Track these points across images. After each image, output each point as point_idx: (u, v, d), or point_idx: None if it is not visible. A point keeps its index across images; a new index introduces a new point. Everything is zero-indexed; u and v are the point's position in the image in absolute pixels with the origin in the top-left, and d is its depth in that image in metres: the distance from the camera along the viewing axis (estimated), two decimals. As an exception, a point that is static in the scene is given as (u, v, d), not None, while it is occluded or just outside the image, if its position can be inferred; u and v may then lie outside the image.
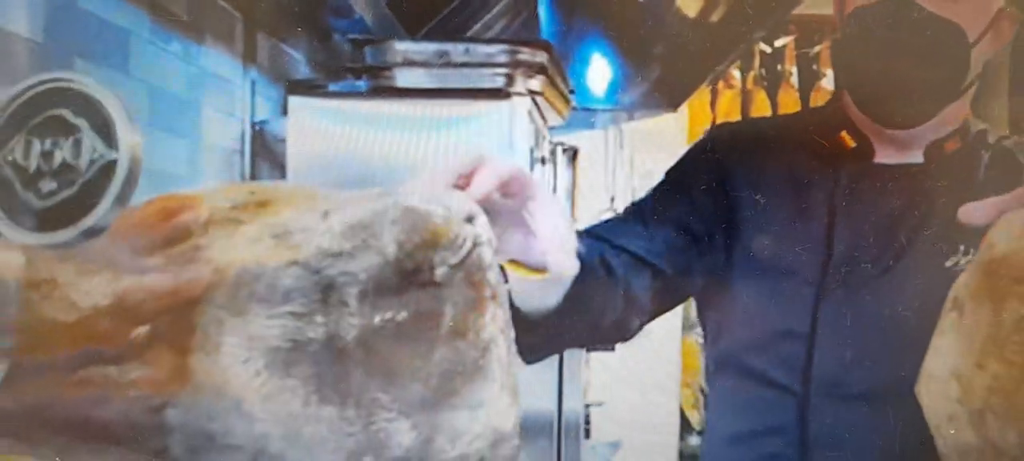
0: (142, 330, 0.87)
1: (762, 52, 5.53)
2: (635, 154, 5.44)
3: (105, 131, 0.67)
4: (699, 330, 2.27)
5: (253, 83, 3.36)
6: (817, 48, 5.71)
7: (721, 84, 5.58)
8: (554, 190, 3.15)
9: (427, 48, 2.59)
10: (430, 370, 1.06)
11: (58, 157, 0.68)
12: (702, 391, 5.02)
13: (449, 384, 1.07)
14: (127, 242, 0.78)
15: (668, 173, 2.02)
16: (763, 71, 5.74)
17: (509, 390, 1.17)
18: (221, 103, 3.15)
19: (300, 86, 3.29)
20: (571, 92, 3.24)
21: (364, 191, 1.07)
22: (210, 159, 3.09)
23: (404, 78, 2.59)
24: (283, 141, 3.00)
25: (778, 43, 5.60)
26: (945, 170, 1.82)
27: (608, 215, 5.28)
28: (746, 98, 5.68)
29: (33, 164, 0.68)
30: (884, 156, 1.86)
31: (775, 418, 1.85)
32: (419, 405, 1.05)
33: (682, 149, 5.39)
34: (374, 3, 3.02)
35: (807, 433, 1.82)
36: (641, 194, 2.02)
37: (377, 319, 1.02)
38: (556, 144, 3.35)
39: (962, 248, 1.73)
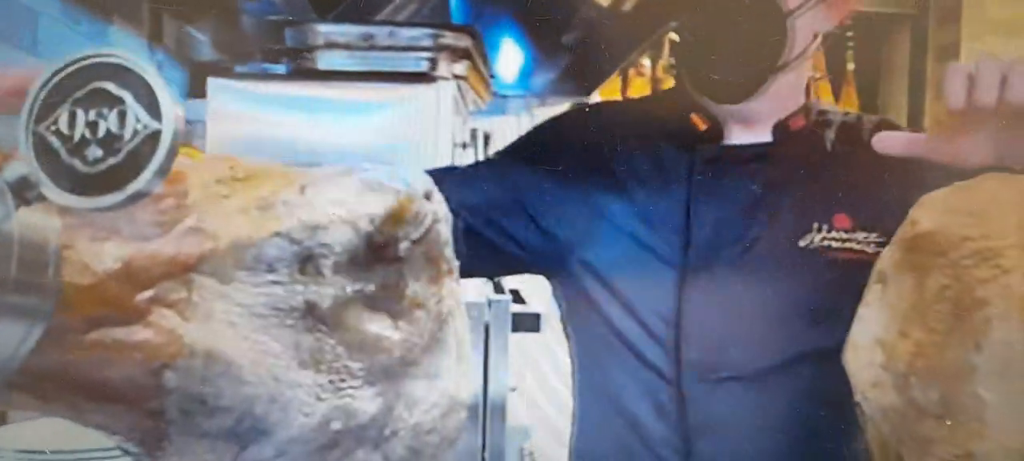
0: (145, 295, 0.93)
1: (672, 41, 5.60)
2: (547, 139, 5.48)
3: (149, 103, 0.73)
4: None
5: (159, 65, 3.38)
6: (725, 37, 5.79)
7: (632, 71, 5.63)
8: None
9: (351, 30, 2.61)
10: (393, 340, 1.13)
11: (103, 127, 0.73)
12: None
13: (409, 354, 1.15)
14: (128, 211, 0.84)
15: (530, 140, 2.11)
16: (672, 59, 5.81)
17: (465, 361, 1.24)
18: (128, 85, 3.17)
19: (216, 68, 3.30)
20: (492, 77, 3.27)
21: (333, 167, 1.13)
22: (118, 142, 3.11)
23: (326, 61, 2.60)
24: (190, 123, 3.00)
25: (687, 31, 5.66)
26: (794, 148, 1.89)
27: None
28: (656, 86, 5.75)
29: (78, 133, 0.73)
30: (735, 137, 1.91)
31: (651, 395, 1.88)
32: (382, 373, 1.13)
33: None
34: (285, -16, 3.04)
35: (686, 418, 1.85)
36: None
37: (348, 290, 1.09)
38: (474, 129, 3.40)
39: (816, 226, 1.81)
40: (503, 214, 1.96)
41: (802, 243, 1.80)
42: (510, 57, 4.65)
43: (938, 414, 1.22)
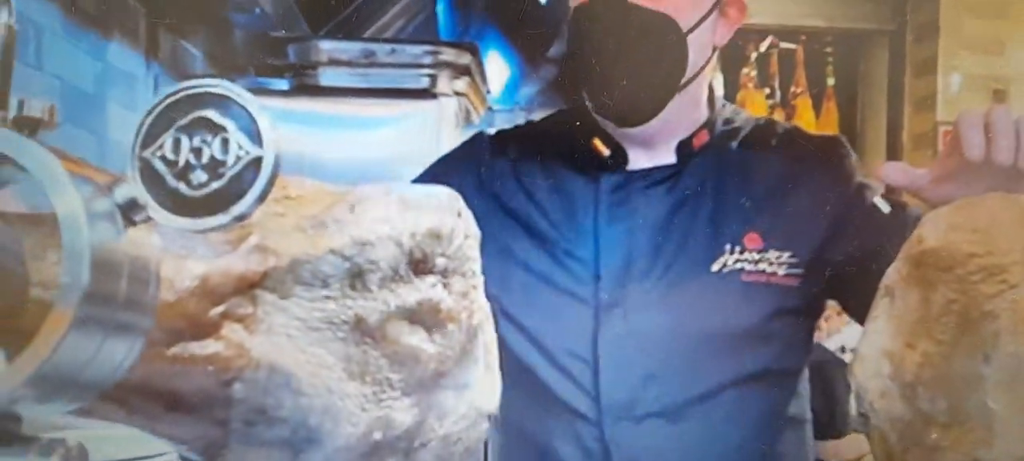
0: (217, 310, 0.98)
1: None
2: (534, 151, 5.51)
3: (250, 130, 0.78)
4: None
5: (156, 78, 3.42)
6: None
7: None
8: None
9: (353, 48, 2.65)
10: (430, 353, 1.17)
11: (207, 153, 0.78)
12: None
13: (443, 366, 1.19)
14: (200, 230, 0.88)
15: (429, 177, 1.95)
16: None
17: (492, 370, 1.29)
18: (126, 98, 3.20)
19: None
20: (488, 92, 3.32)
21: (375, 186, 1.18)
22: (115, 154, 3.14)
23: (329, 77, 2.64)
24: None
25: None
26: (700, 166, 1.85)
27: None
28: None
29: (183, 158, 0.78)
30: (639, 161, 1.86)
31: (581, 445, 1.81)
32: (418, 385, 1.17)
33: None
34: (278, -1, 3.08)
35: (609, 457, 1.78)
36: None
37: (392, 304, 1.13)
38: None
39: (727, 247, 1.77)
40: None
41: (714, 267, 1.77)
42: (496, 71, 4.70)
43: (945, 423, 1.26)
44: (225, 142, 0.78)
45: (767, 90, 5.82)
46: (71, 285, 0.70)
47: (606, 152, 1.86)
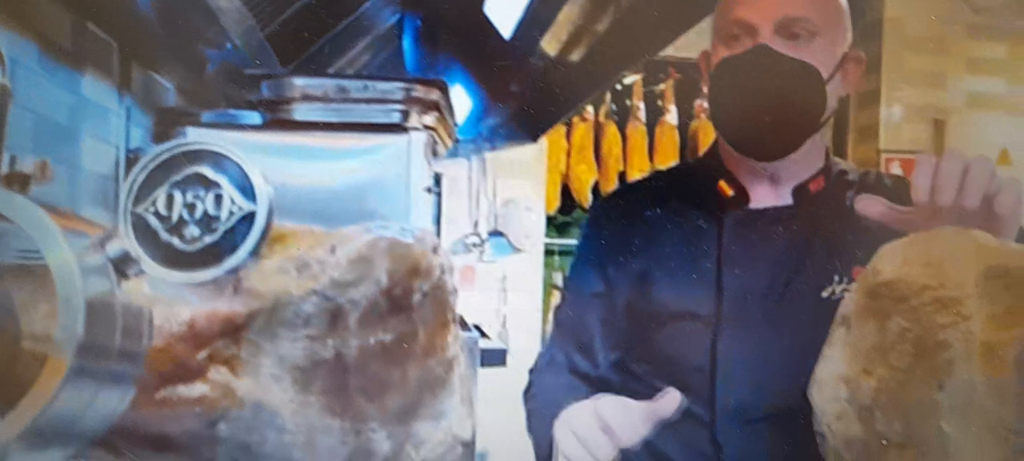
0: (204, 353, 0.96)
1: (612, 88, 5.69)
2: (497, 181, 5.53)
3: (243, 186, 0.77)
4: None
5: (128, 111, 3.39)
6: (661, 86, 5.92)
7: (575, 118, 5.72)
8: (437, 217, 3.24)
9: (326, 84, 2.62)
10: (407, 384, 1.17)
11: (200, 208, 0.77)
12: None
13: (420, 396, 1.19)
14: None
15: (575, 266, 2.14)
16: (614, 106, 5.93)
17: (467, 401, 1.28)
18: (99, 131, 3.17)
19: (181, 114, 3.31)
20: (455, 125, 3.31)
21: (354, 227, 1.17)
22: (87, 186, 3.11)
23: (302, 112, 2.62)
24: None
25: (627, 81, 5.78)
26: (814, 209, 1.94)
27: (473, 239, 5.39)
28: (598, 130, 5.85)
29: (176, 214, 0.77)
30: (759, 201, 1.95)
31: (690, 442, 1.94)
32: (395, 416, 1.17)
33: (542, 177, 5.44)
34: (247, 33, 3.06)
35: (721, 455, 1.91)
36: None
37: (371, 341, 1.12)
38: (437, 173, 3.44)
39: (836, 278, 1.86)
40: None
41: (824, 294, 1.86)
42: (461, 103, 4.70)
43: (901, 444, 1.28)
44: (218, 198, 0.77)
45: (719, 120, 5.86)
46: (66, 338, 0.69)
47: (730, 192, 1.97)
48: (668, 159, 5.80)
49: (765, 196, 1.95)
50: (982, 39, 5.65)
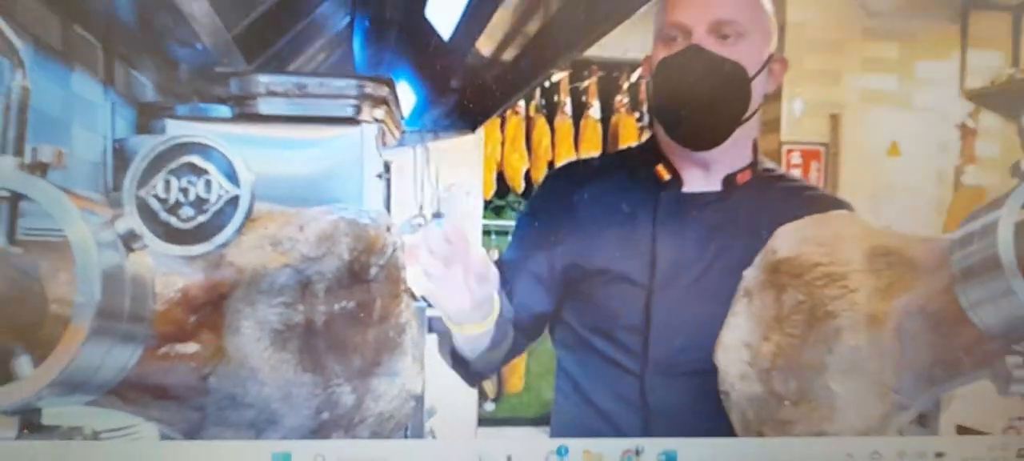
0: (195, 317, 1.01)
1: (541, 85, 5.73)
2: (440, 168, 5.53)
3: (228, 173, 0.82)
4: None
5: (113, 104, 3.38)
6: (586, 83, 5.96)
7: (509, 111, 5.76)
8: (387, 201, 3.24)
9: (287, 81, 2.64)
10: (366, 346, 1.21)
11: (193, 192, 0.81)
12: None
13: (377, 356, 1.23)
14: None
15: (525, 219, 2.22)
16: (542, 101, 5.95)
17: (419, 361, 1.33)
18: (87, 121, 3.17)
19: (159, 108, 3.32)
20: (402, 118, 3.32)
21: (319, 208, 1.20)
22: (79, 172, 3.12)
23: (267, 106, 2.64)
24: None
25: (554, 78, 5.83)
26: (739, 197, 2.00)
27: (418, 221, 5.39)
28: (529, 123, 5.89)
29: (173, 197, 0.82)
30: (691, 186, 2.02)
31: (620, 390, 2.01)
32: (357, 373, 1.21)
33: (479, 164, 5.42)
34: (216, 34, 3.07)
35: (647, 402, 1.98)
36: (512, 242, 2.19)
37: (336, 307, 1.17)
38: (386, 162, 3.45)
39: (756, 261, 1.93)
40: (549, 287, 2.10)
41: (745, 273, 1.91)
42: (406, 98, 4.70)
43: (795, 401, 1.34)
44: (208, 183, 0.82)
45: (637, 114, 5.90)
46: (85, 303, 0.73)
47: (667, 176, 2.03)
48: (592, 149, 5.85)
49: (697, 182, 2.02)
50: (876, 40, 5.70)
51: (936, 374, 1.21)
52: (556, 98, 5.95)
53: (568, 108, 5.94)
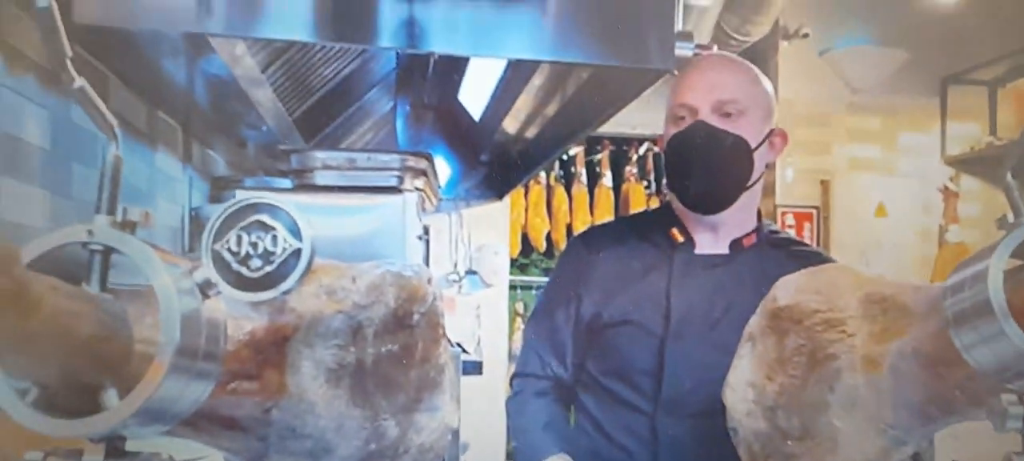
0: (261, 356, 1.02)
1: (560, 158, 5.76)
2: (472, 231, 5.57)
3: (292, 229, 0.84)
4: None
5: (190, 179, 3.43)
6: (599, 155, 5.99)
7: (532, 181, 5.79)
8: (426, 259, 3.26)
9: (340, 156, 2.69)
10: (409, 384, 1.22)
11: (261, 246, 0.83)
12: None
13: (419, 393, 1.23)
14: (246, 297, 0.92)
15: (552, 285, 2.24)
16: (561, 172, 5.99)
17: (455, 399, 1.33)
18: (168, 194, 3.21)
19: (229, 181, 3.36)
20: (439, 187, 3.36)
21: (369, 263, 1.22)
22: (160, 237, 3.15)
23: (322, 178, 2.68)
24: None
25: (571, 152, 5.86)
26: (746, 259, 2.02)
27: (453, 276, 5.41)
28: (549, 191, 5.92)
29: (244, 250, 0.83)
30: (702, 248, 2.04)
31: (632, 428, 2.02)
32: (401, 408, 1.21)
33: (506, 227, 5.44)
34: (279, 118, 3.11)
35: (657, 441, 1.99)
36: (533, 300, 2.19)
37: (383, 350, 1.17)
38: (425, 225, 3.49)
39: (758, 309, 1.90)
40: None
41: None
42: (440, 169, 4.75)
43: (799, 437, 1.32)
44: (275, 238, 0.83)
45: (645, 182, 5.92)
46: (166, 343, 0.75)
47: (681, 238, 2.05)
48: (606, 214, 5.86)
49: (708, 244, 2.04)
50: (860, 114, 5.71)
51: (931, 411, 1.19)
52: (573, 169, 5.97)
53: (584, 178, 5.96)
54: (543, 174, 5.86)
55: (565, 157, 5.90)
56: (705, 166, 1.97)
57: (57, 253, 0.79)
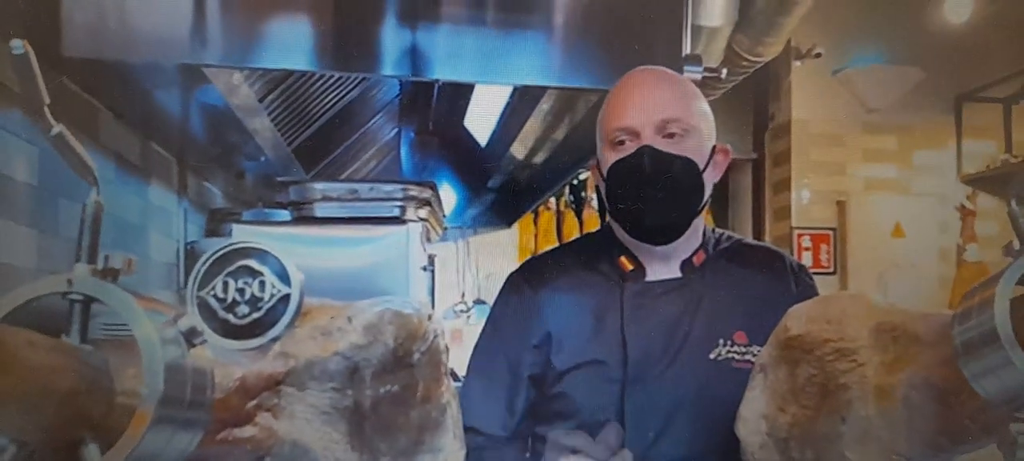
0: (252, 403, 1.00)
1: (570, 183, 5.74)
2: (479, 259, 5.56)
3: (280, 274, 0.82)
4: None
5: (185, 211, 3.43)
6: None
7: (541, 207, 5.77)
8: (432, 291, 3.26)
9: (340, 187, 2.69)
10: (410, 425, 1.20)
11: (248, 292, 0.82)
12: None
13: (421, 435, 1.21)
14: (236, 342, 0.91)
15: (492, 331, 1.99)
16: (571, 197, 5.98)
17: (459, 438, 1.31)
18: (163, 227, 3.21)
19: (226, 213, 3.36)
20: (444, 216, 3.36)
21: (366, 301, 1.20)
22: (155, 272, 3.15)
23: (322, 210, 2.68)
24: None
25: (581, 176, 5.81)
26: (699, 279, 1.89)
27: (461, 307, 5.38)
28: (559, 216, 5.92)
29: (230, 296, 0.82)
30: (654, 274, 1.90)
31: None
32: (402, 451, 1.19)
33: (515, 255, 5.42)
34: (277, 148, 3.11)
35: None
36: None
37: (382, 391, 1.15)
38: (430, 255, 3.48)
39: (721, 341, 1.82)
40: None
41: (712, 356, 1.81)
42: (447, 197, 4.75)
43: (810, 468, 1.29)
44: (262, 283, 0.82)
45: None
46: (149, 394, 0.73)
47: (631, 266, 1.90)
48: (620, 237, 5.81)
49: (660, 270, 1.90)
50: (875, 133, 5.71)
51: (942, 441, 1.18)
52: (583, 194, 5.98)
53: (594, 202, 5.96)
54: (553, 199, 5.85)
55: (575, 182, 5.89)
56: (655, 195, 1.83)
57: (36, 303, 0.78)
